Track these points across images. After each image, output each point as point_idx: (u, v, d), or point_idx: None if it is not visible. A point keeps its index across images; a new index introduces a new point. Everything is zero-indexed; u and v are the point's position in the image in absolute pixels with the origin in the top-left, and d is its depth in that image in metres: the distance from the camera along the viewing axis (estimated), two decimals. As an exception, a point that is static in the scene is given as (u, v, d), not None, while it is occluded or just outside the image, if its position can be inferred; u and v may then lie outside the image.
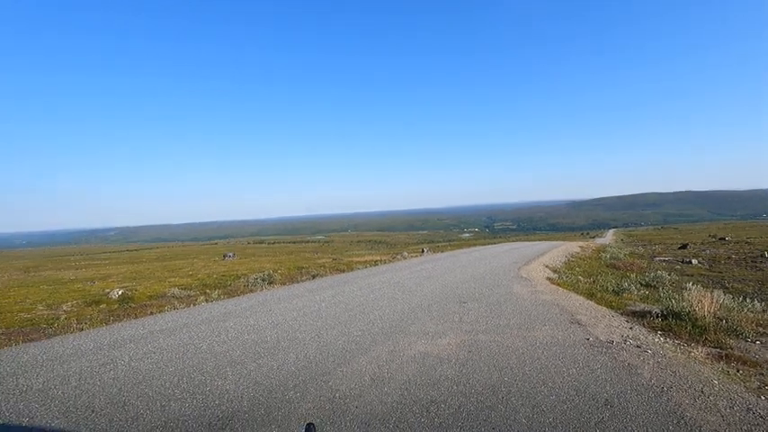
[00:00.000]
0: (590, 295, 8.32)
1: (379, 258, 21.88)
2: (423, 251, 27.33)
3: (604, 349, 4.53)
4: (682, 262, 17.94)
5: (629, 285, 10.14)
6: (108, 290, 11.46)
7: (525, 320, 5.88)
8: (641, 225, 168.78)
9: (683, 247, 26.52)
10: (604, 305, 7.24)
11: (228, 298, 9.40)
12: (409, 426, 2.94)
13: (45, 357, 4.88)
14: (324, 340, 5.20)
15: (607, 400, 3.25)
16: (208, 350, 4.95)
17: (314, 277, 13.26)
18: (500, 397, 3.34)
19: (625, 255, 21.17)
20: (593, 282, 11.13)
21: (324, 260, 23.24)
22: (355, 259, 22.48)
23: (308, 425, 1.25)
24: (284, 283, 11.92)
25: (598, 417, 2.98)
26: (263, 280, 12.54)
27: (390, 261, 19.13)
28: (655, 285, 11.02)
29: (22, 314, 8.38)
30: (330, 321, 6.23)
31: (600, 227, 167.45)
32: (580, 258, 19.34)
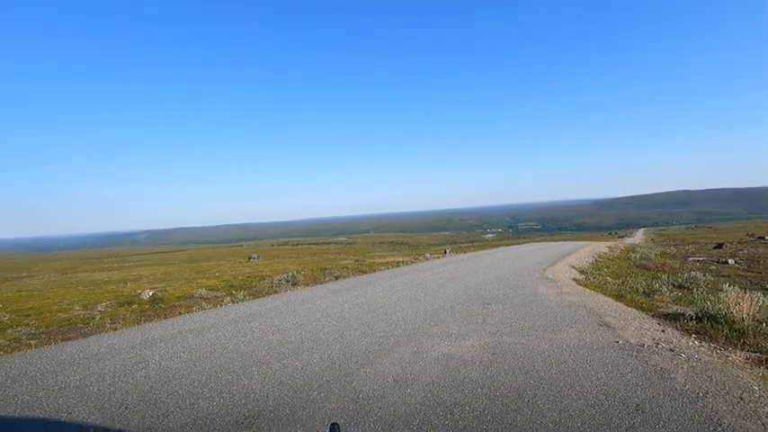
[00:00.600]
0: (619, 297, 8.08)
1: (401, 259, 21.86)
2: (445, 252, 27.14)
3: (635, 352, 4.38)
4: (717, 262, 17.18)
5: (661, 286, 9.78)
6: (139, 291, 11.86)
7: (551, 322, 5.76)
8: (673, 224, 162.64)
9: (719, 246, 25.41)
10: (634, 307, 7.01)
11: (253, 299, 9.58)
12: (433, 428, 2.92)
13: (82, 355, 5.10)
14: (347, 341, 5.23)
15: (638, 405, 3.14)
16: (234, 350, 5.05)
17: (337, 278, 13.36)
18: (526, 400, 3.28)
19: (656, 255, 20.44)
20: (623, 283, 10.79)
21: (346, 261, 23.39)
22: (377, 260, 22.53)
23: (333, 424, 1.27)
24: (308, 285, 12.06)
25: (629, 422, 2.88)
26: (287, 281, 12.72)
27: (412, 262, 19.08)
28: (688, 286, 10.60)
29: (61, 314, 8.77)
30: (353, 322, 6.27)
31: (629, 226, 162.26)
32: (608, 259, 18.79)
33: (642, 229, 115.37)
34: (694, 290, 9.69)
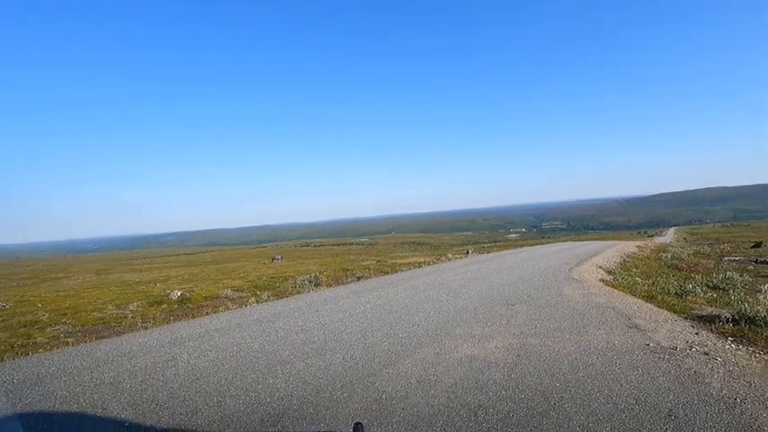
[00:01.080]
0: (649, 298, 7.81)
1: (423, 260, 21.78)
2: (467, 252, 26.88)
3: (667, 356, 4.22)
4: (755, 262, 16.39)
5: (694, 287, 9.40)
6: (168, 291, 12.22)
7: (578, 324, 5.62)
8: (707, 222, 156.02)
9: (757, 245, 24.25)
10: (666, 308, 6.76)
11: (277, 299, 9.73)
12: (456, 430, 2.89)
13: (115, 353, 5.30)
14: (369, 341, 5.25)
15: (671, 410, 3.03)
16: (259, 349, 5.15)
17: (359, 279, 13.42)
18: (552, 403, 3.21)
19: (689, 254, 19.67)
20: (653, 283, 10.43)
21: (368, 262, 23.47)
22: (399, 261, 22.51)
23: (356, 424, 1.28)
24: (330, 285, 12.16)
25: (661, 428, 2.78)
26: (310, 282, 12.86)
27: (434, 262, 18.98)
28: (724, 287, 10.14)
29: (95, 313, 9.13)
30: (375, 323, 6.28)
31: (659, 225, 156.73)
32: (637, 259, 18.20)
33: (673, 227, 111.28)
34: (730, 291, 9.27)
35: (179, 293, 11.46)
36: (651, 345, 4.60)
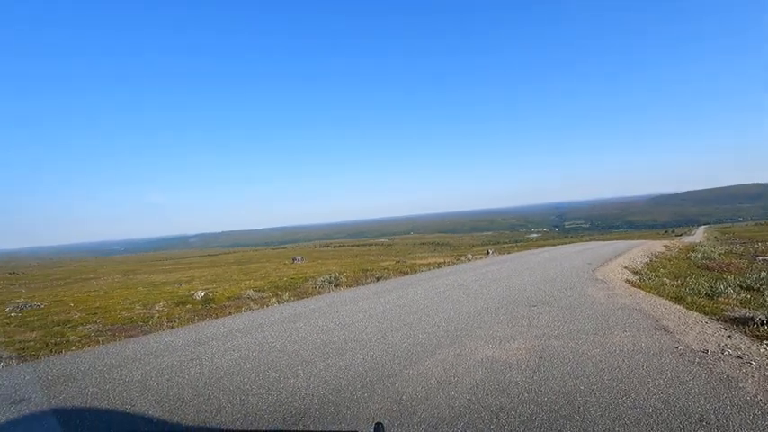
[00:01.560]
0: (678, 299, 7.56)
1: (442, 260, 21.66)
2: (488, 253, 26.59)
3: (697, 359, 4.07)
4: (792, 261, 15.65)
5: (726, 288, 9.04)
6: (192, 291, 12.52)
7: (602, 325, 5.48)
8: (739, 220, 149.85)
9: (794, 244, 23.13)
10: (696, 310, 6.53)
11: (298, 299, 9.84)
12: (478, 432, 2.87)
13: (143, 352, 5.46)
14: (389, 342, 5.25)
15: (702, 415, 2.92)
16: (280, 349, 5.22)
17: (378, 280, 13.45)
18: (576, 407, 3.14)
19: (720, 254, 18.92)
20: (682, 284, 10.08)
21: (387, 263, 23.48)
22: (418, 261, 22.44)
23: (377, 424, 1.28)
24: (350, 286, 12.22)
25: (691, 434, 2.69)
26: (330, 282, 12.96)
27: (454, 263, 18.85)
28: (758, 288, 9.71)
29: (124, 312, 9.44)
30: (395, 324, 6.29)
31: (687, 223, 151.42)
32: (665, 258, 17.63)
33: (703, 226, 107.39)
34: (765, 292, 8.88)
35: (203, 294, 11.73)
36: (680, 347, 4.45)
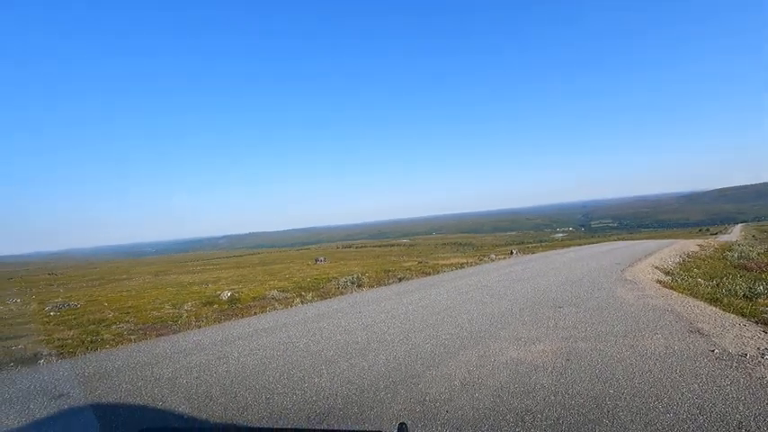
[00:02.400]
0: (713, 300, 7.25)
1: (465, 261, 21.44)
2: (511, 253, 26.16)
3: (735, 363, 3.89)
4: (840, 261, 14.76)
5: (766, 289, 8.61)
6: (219, 292, 12.82)
7: (632, 328, 5.31)
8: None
9: (842, 242, 21.80)
10: (733, 312, 6.24)
11: (321, 300, 9.94)
12: (503, 434, 2.83)
13: (172, 350, 5.63)
14: (412, 343, 5.24)
15: (740, 422, 2.79)
16: (304, 349, 5.28)
17: (400, 280, 13.43)
18: (605, 411, 3.05)
19: (758, 253, 18.02)
20: (717, 285, 9.66)
21: (409, 263, 23.43)
22: (441, 262, 22.30)
23: (401, 424, 1.28)
24: (372, 286, 12.25)
25: (729, 441, 2.57)
26: (353, 283, 13.03)
27: (477, 263, 18.64)
28: (802, 289, 9.21)
29: (154, 312, 9.76)
30: (418, 324, 6.27)
31: (723, 222, 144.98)
32: (699, 258, 16.93)
33: (740, 224, 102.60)
34: (810, 293, 8.41)
35: (229, 294, 11.99)
36: (717, 351, 4.26)
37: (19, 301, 14.36)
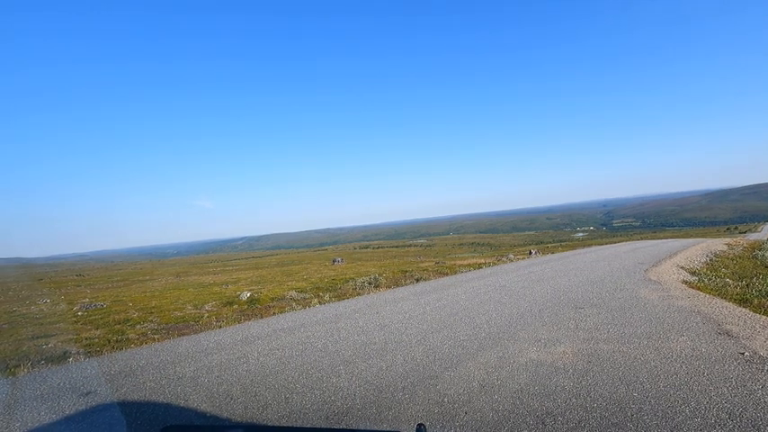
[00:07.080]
0: (743, 301, 6.99)
1: (482, 261, 21.24)
2: (530, 253, 25.79)
3: (766, 367, 3.76)
4: None
5: (800, 290, 8.26)
6: (239, 292, 13.02)
7: (657, 329, 5.17)
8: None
9: None
10: (763, 313, 6.01)
11: (339, 300, 9.99)
12: (523, 437, 2.79)
13: (194, 350, 5.75)
14: (430, 343, 5.22)
15: (773, 428, 2.69)
16: (322, 349, 5.32)
17: (417, 281, 13.39)
18: (628, 414, 2.98)
19: (791, 252, 17.30)
20: (747, 285, 9.31)
21: (427, 264, 23.34)
22: (458, 262, 22.14)
23: (419, 425, 1.28)
24: (389, 287, 12.25)
25: (761, 447, 2.48)
26: (370, 283, 13.06)
27: (495, 264, 18.43)
28: (838, 290, 8.80)
29: (176, 312, 9.97)
30: (435, 325, 6.24)
31: (751, 220, 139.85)
32: (727, 258, 16.36)
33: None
34: None
35: (248, 294, 12.17)
36: (746, 354, 4.11)
37: (48, 301, 14.87)
